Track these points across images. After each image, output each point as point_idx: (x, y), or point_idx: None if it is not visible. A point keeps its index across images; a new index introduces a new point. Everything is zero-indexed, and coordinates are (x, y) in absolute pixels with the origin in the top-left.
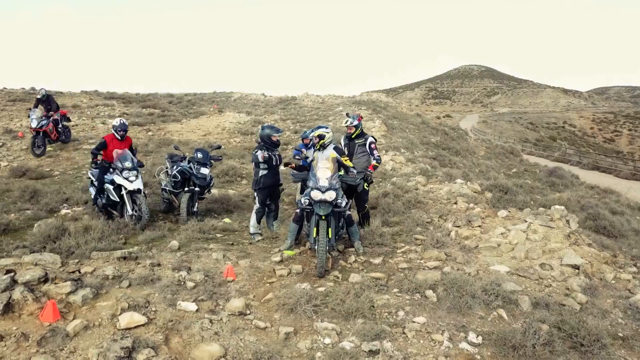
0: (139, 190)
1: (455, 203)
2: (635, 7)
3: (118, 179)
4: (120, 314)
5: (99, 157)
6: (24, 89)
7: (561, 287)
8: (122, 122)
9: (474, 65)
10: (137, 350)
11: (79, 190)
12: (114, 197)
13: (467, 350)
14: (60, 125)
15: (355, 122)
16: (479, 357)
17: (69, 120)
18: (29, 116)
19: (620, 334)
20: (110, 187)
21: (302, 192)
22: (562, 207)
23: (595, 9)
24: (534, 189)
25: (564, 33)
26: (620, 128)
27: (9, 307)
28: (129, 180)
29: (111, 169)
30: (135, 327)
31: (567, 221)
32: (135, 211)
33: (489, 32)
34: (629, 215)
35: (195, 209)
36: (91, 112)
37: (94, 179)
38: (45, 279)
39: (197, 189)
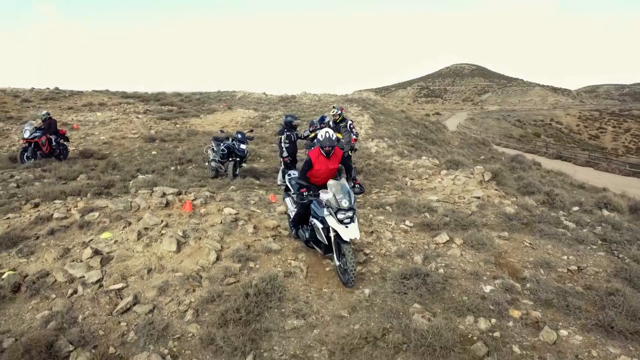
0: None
1: (417, 170)
2: (629, 11)
3: (331, 222)
4: (222, 209)
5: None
6: (48, 88)
7: (465, 206)
8: (328, 135)
9: (465, 64)
10: (238, 220)
11: (145, 163)
12: (323, 240)
13: (404, 227)
14: (54, 143)
15: (339, 112)
16: (410, 230)
17: (67, 139)
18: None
19: (487, 223)
20: (319, 225)
21: None
22: (481, 167)
23: (591, 11)
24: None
25: (561, 33)
26: (605, 125)
27: (167, 204)
28: (344, 224)
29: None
30: (231, 215)
31: (483, 175)
32: (343, 262)
33: (487, 31)
34: (567, 190)
35: (237, 173)
36: (118, 109)
37: (290, 187)
38: (179, 193)
39: (238, 159)
